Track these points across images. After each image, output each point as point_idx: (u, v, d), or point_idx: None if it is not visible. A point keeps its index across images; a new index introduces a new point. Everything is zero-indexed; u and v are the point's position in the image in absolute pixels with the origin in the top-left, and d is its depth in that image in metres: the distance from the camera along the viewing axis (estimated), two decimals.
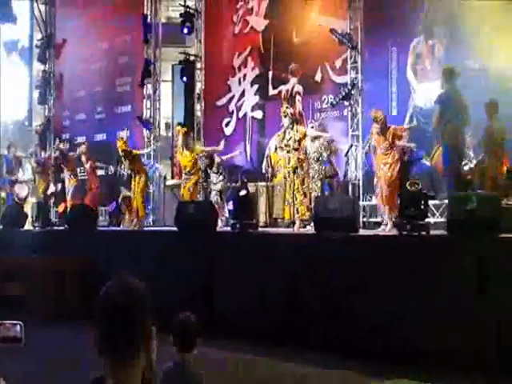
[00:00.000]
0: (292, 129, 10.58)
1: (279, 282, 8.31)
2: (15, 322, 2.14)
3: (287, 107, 10.83)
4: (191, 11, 15.10)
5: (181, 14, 14.93)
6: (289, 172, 10.41)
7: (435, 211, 10.28)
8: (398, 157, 9.82)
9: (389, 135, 9.67)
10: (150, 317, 1.79)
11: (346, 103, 11.93)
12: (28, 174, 16.14)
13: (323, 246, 8.17)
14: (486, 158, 9.43)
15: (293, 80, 11.23)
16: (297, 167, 10.35)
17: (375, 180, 10.11)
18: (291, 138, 10.47)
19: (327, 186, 11.56)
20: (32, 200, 15.33)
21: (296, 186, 10.32)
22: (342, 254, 7.87)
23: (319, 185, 11.17)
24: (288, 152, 10.54)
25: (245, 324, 8.36)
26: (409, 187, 8.15)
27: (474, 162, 9.88)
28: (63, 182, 14.71)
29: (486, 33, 10.51)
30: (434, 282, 6.94)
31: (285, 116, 10.63)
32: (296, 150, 10.46)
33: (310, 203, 10.28)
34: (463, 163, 9.87)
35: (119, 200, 14.02)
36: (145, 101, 15.66)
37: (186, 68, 15.09)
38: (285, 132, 10.62)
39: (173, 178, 15.58)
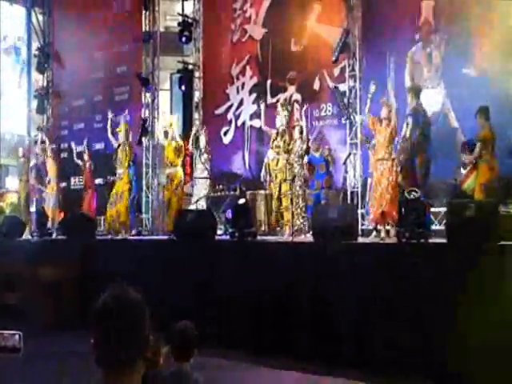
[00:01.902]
0: (285, 132, 10.55)
1: (278, 290, 8.28)
2: (14, 331, 2.14)
3: (286, 109, 10.80)
4: (189, 20, 15.15)
5: (179, 23, 14.99)
6: (276, 175, 10.36)
7: (433, 219, 10.27)
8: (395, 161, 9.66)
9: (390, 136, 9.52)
10: (146, 326, 1.79)
11: (345, 111, 11.93)
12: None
13: (322, 255, 8.15)
14: (478, 165, 9.44)
15: (291, 88, 11.25)
16: (285, 170, 10.30)
17: (370, 182, 9.91)
18: (283, 140, 10.47)
19: (323, 196, 11.54)
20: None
21: (283, 190, 10.30)
22: (341, 262, 7.85)
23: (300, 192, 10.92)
24: (278, 153, 10.52)
25: (243, 332, 8.34)
26: (408, 195, 8.15)
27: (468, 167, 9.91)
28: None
29: (484, 40, 10.56)
30: (434, 290, 6.92)
31: (284, 115, 10.59)
32: (286, 152, 10.45)
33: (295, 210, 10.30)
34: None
35: None
36: (143, 110, 15.68)
37: (185, 77, 15.14)
38: (278, 133, 10.58)
39: None
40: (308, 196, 11.15)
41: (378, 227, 9.59)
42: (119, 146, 12.61)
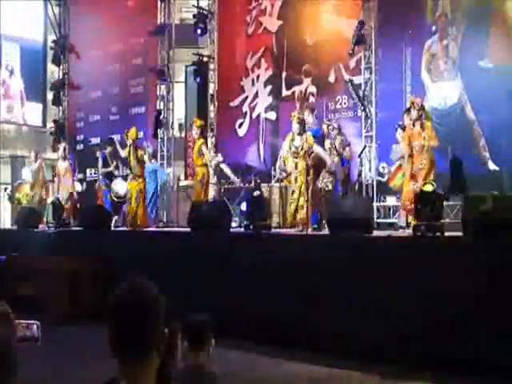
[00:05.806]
0: (301, 135, 10.45)
1: (293, 282, 8.29)
2: (32, 321, 2.16)
3: (299, 112, 10.77)
4: (204, 12, 15.16)
5: (194, 15, 15.00)
6: (296, 178, 10.31)
7: (450, 212, 10.22)
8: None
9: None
10: (161, 319, 1.80)
11: (361, 104, 11.89)
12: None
13: (337, 247, 8.15)
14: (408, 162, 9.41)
15: (306, 81, 11.21)
16: (304, 173, 10.23)
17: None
18: (300, 145, 10.40)
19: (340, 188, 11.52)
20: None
21: (302, 189, 10.21)
22: (356, 255, 7.84)
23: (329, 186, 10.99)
24: (296, 158, 10.46)
25: (258, 324, 8.35)
26: (424, 187, 8.12)
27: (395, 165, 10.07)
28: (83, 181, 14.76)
29: (501, 32, 10.48)
30: (449, 283, 6.90)
31: (297, 122, 10.53)
32: (303, 157, 10.40)
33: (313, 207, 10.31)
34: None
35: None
36: (158, 102, 15.71)
37: (200, 69, 15.15)
38: (293, 138, 10.52)
39: (186, 178, 15.60)
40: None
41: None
42: (130, 147, 12.40)
